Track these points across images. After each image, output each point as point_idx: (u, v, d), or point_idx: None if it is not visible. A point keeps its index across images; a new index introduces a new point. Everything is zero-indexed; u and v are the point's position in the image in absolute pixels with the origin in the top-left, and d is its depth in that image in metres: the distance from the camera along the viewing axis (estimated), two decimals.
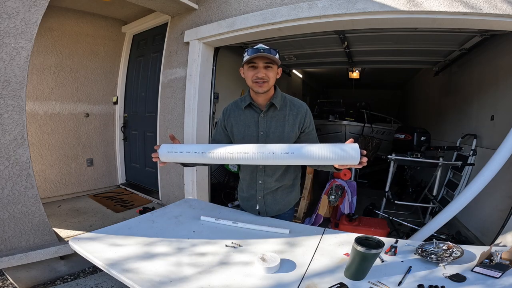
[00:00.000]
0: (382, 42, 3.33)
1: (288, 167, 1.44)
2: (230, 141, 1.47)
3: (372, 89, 9.03)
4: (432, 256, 1.06)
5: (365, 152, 1.07)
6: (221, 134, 1.48)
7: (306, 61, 4.68)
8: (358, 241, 0.92)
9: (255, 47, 1.28)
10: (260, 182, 1.44)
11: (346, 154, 1.05)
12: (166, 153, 1.25)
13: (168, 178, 3.22)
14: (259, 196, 1.46)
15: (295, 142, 1.37)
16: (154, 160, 1.29)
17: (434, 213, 3.07)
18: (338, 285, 0.91)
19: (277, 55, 1.28)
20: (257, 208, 1.49)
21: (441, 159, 3.21)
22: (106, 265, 1.01)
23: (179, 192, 3.10)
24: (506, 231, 1.99)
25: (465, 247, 1.11)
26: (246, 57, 1.27)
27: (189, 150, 1.22)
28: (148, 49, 3.59)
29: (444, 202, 3.05)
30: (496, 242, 1.97)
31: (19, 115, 1.91)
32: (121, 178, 4.00)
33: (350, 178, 3.10)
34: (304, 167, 1.76)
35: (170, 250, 1.12)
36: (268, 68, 1.28)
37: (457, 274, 0.96)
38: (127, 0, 2.64)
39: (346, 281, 0.93)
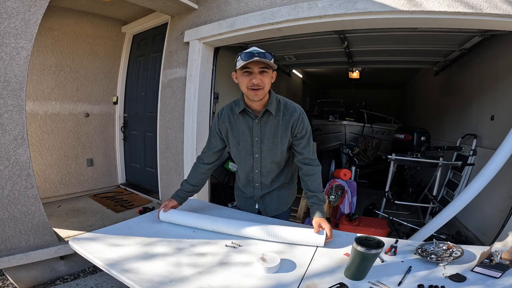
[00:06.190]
0: (382, 42, 3.33)
1: (283, 168, 1.44)
2: (225, 145, 1.44)
3: (372, 89, 9.02)
4: (432, 256, 1.06)
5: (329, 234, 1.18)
6: (216, 138, 1.43)
7: (306, 61, 4.67)
8: (358, 241, 0.92)
9: (248, 50, 1.18)
10: (257, 184, 1.45)
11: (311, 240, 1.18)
12: (164, 218, 1.38)
13: (168, 178, 3.22)
14: (257, 197, 1.47)
15: (289, 147, 1.37)
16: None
17: (434, 213, 3.07)
18: (338, 285, 0.91)
19: (272, 59, 1.20)
20: (257, 207, 1.50)
21: (441, 159, 3.21)
22: (106, 265, 1.01)
23: None
24: (506, 231, 1.99)
25: (465, 247, 1.11)
26: (239, 61, 1.18)
27: (184, 223, 1.34)
28: (148, 49, 3.59)
29: (444, 202, 3.04)
30: (496, 242, 1.97)
31: (19, 115, 1.91)
32: (121, 178, 4.00)
33: (350, 178, 3.10)
34: None
35: (170, 250, 1.12)
36: (263, 73, 1.19)
37: (457, 274, 0.96)
38: (127, 0, 2.64)
39: (346, 281, 0.93)
